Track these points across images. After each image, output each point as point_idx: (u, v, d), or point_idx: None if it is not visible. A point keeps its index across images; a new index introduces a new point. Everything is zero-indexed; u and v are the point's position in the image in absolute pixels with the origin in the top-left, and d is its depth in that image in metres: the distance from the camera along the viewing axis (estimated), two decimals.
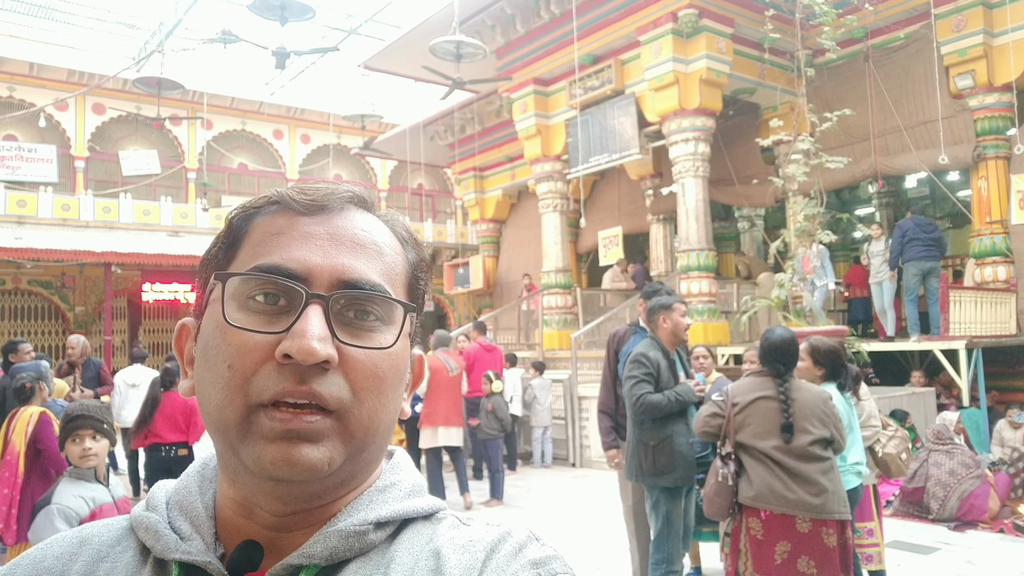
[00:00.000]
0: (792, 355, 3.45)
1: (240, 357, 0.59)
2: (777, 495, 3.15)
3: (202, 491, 0.67)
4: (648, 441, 3.94)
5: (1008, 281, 9.33)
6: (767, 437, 3.27)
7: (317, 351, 0.57)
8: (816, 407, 3.34)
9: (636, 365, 3.97)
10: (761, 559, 3.16)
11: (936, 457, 6.51)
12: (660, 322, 4.10)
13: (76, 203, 16.06)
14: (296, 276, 0.60)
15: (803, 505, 3.13)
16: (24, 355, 6.24)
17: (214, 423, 0.60)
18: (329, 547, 0.60)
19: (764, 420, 3.30)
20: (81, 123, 17.17)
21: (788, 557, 3.10)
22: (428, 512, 0.67)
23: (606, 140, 11.18)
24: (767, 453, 3.24)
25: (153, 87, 12.40)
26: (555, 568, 0.61)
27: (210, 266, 0.66)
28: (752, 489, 3.21)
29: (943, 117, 9.44)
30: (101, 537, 0.67)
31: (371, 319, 0.62)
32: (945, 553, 5.40)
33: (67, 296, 17.03)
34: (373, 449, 0.64)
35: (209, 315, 0.63)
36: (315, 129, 20.26)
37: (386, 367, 0.62)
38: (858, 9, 8.48)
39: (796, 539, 3.12)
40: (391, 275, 0.65)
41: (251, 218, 0.66)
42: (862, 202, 15.84)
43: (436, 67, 10.63)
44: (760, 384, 3.41)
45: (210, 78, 18.00)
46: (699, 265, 10.26)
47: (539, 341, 12.64)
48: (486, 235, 17.03)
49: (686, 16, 9.80)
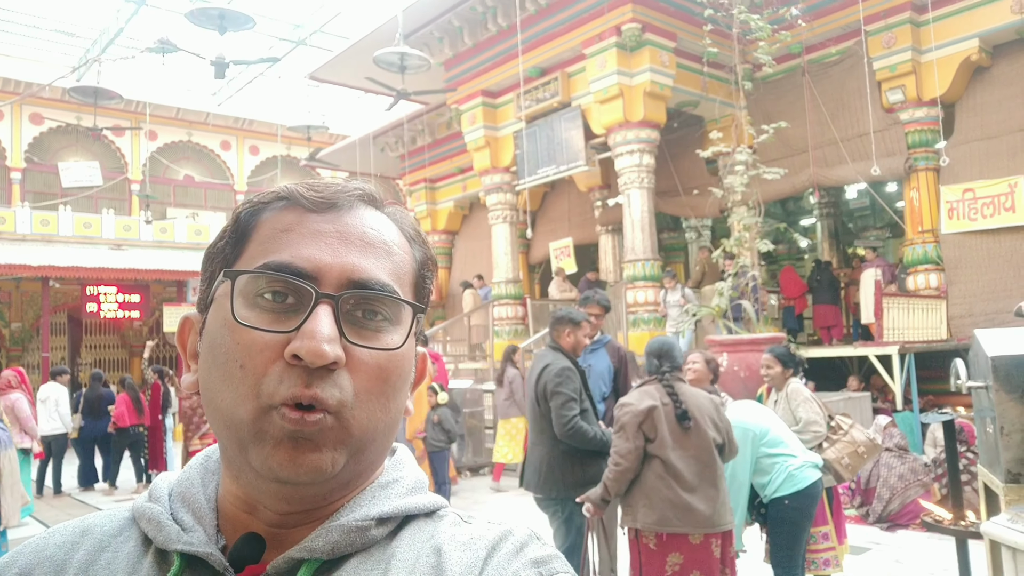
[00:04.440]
0: (674, 356, 3.49)
1: (251, 357, 0.58)
2: (679, 514, 3.15)
3: (204, 484, 0.67)
4: (575, 454, 3.90)
5: (939, 288, 9.68)
6: (667, 446, 3.25)
7: (327, 353, 0.57)
8: (708, 409, 3.38)
9: (565, 381, 3.91)
10: (652, 569, 3.17)
11: (887, 459, 6.67)
12: (564, 335, 4.10)
13: (12, 215, 15.56)
14: (306, 275, 0.60)
15: (700, 521, 3.16)
16: None
17: (224, 420, 0.60)
18: (331, 541, 0.60)
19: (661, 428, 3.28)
20: (17, 133, 16.66)
21: (679, 570, 3.12)
22: (430, 509, 0.67)
23: (554, 152, 11.29)
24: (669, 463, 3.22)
25: (90, 96, 12.10)
26: (556, 567, 0.61)
27: (216, 260, 0.66)
28: (654, 513, 3.18)
29: (876, 130, 9.77)
30: (103, 527, 0.67)
31: (379, 319, 0.62)
32: (876, 552, 5.56)
33: (2, 312, 16.45)
34: (375, 449, 0.64)
35: (216, 311, 0.63)
36: (263, 140, 20.01)
37: (392, 368, 0.62)
38: (793, 25, 8.73)
39: (688, 551, 3.15)
40: (399, 274, 0.65)
41: (259, 213, 0.65)
42: (805, 213, 16.27)
43: (382, 78, 10.61)
44: (648, 392, 3.38)
45: (154, 88, 17.66)
46: (645, 275, 10.40)
47: (490, 352, 12.64)
48: (438, 246, 16.98)
49: (629, 30, 9.98)
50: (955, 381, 2.81)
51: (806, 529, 3.95)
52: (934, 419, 3.58)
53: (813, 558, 4.33)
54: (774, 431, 3.97)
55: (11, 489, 4.92)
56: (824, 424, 4.42)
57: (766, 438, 3.90)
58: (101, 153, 17.87)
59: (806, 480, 3.83)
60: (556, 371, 3.94)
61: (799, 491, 3.82)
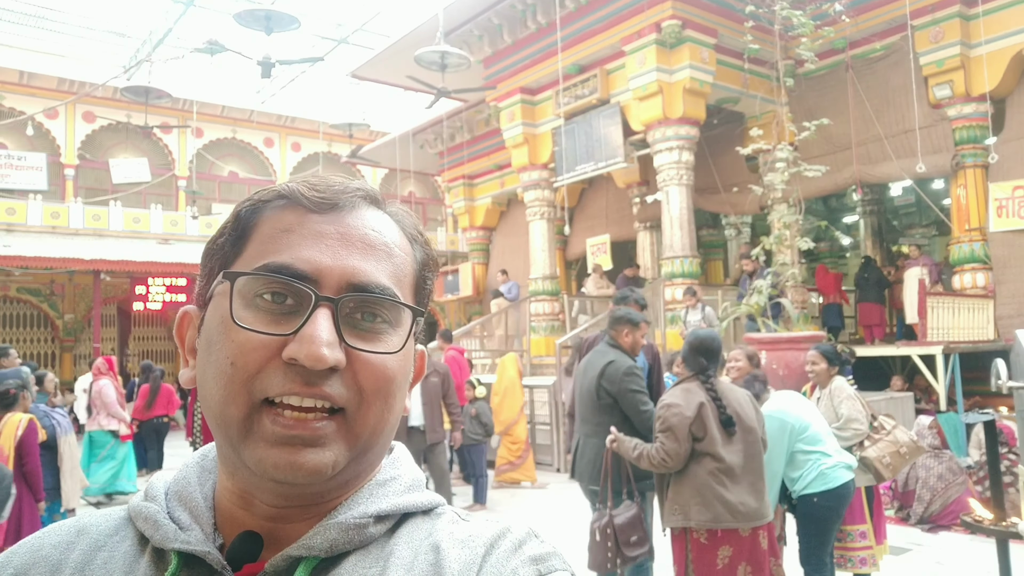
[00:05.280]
0: (718, 353, 3.48)
1: (244, 355, 0.58)
2: (732, 510, 3.20)
3: (201, 482, 0.67)
4: None
5: (986, 288, 9.48)
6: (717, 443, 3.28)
7: (326, 357, 0.57)
8: (746, 405, 3.41)
9: (636, 379, 4.00)
10: (703, 563, 3.23)
11: (924, 460, 6.59)
12: (623, 334, 4.17)
13: (66, 211, 16.09)
14: (305, 277, 0.60)
15: (750, 515, 3.21)
16: (12, 362, 6.31)
17: (216, 418, 0.60)
18: (329, 539, 0.60)
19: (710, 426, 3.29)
20: (71, 131, 17.22)
21: (729, 563, 3.18)
22: (427, 507, 0.67)
23: (592, 149, 11.30)
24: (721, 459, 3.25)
25: (142, 96, 12.49)
26: (554, 564, 0.61)
27: (215, 257, 0.65)
28: (709, 511, 3.22)
29: (922, 126, 9.59)
30: (99, 526, 0.66)
31: (379, 321, 0.62)
32: (916, 553, 5.51)
33: (56, 304, 17.04)
34: (377, 449, 0.64)
35: (214, 308, 0.63)
36: (305, 137, 20.35)
37: (394, 370, 0.62)
38: (836, 21, 8.61)
39: (737, 544, 3.20)
40: (400, 276, 0.65)
41: (259, 211, 0.65)
42: (848, 210, 16.01)
43: (422, 77, 10.74)
44: (690, 391, 3.38)
45: (201, 87, 18.07)
46: (684, 272, 10.37)
47: (526, 347, 12.73)
48: (476, 242, 17.13)
49: (669, 27, 9.94)
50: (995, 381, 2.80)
51: (835, 528, 3.95)
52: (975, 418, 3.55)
53: (849, 556, 4.32)
54: (814, 427, 3.97)
55: (71, 473, 5.17)
56: (866, 422, 4.40)
57: (805, 433, 3.91)
58: (149, 150, 18.38)
59: (837, 480, 3.84)
60: (625, 369, 4.00)
61: (829, 490, 3.83)
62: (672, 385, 3.62)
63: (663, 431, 3.33)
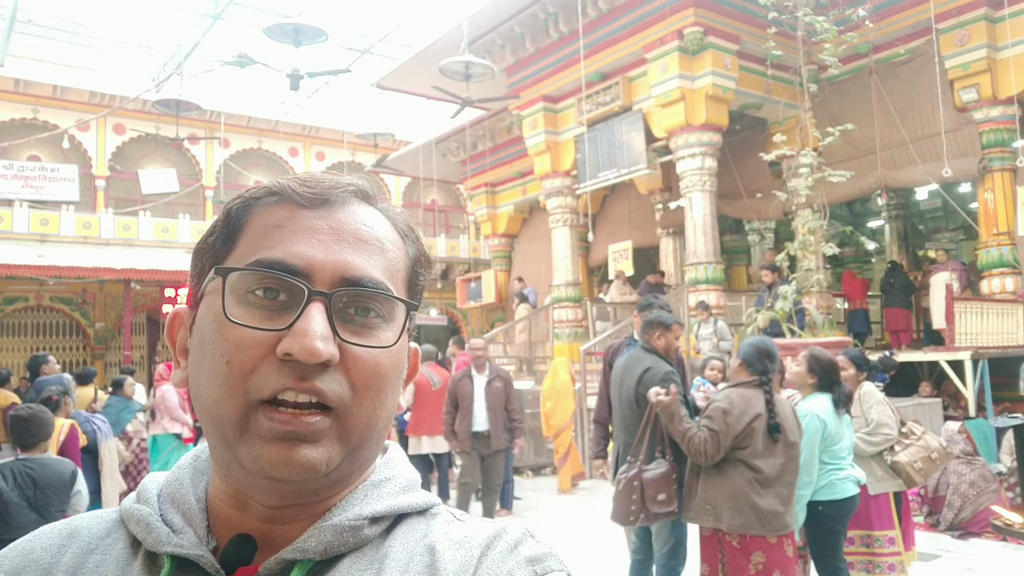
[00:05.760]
0: (778, 359, 3.54)
1: (238, 353, 0.58)
2: (763, 518, 3.25)
3: (194, 483, 0.66)
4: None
5: (1015, 292, 9.37)
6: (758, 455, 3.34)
7: (320, 351, 0.56)
8: (791, 418, 3.46)
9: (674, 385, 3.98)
10: (736, 567, 3.27)
11: (956, 466, 6.53)
12: (655, 337, 4.21)
13: (97, 221, 16.43)
14: (298, 272, 0.59)
15: (779, 525, 3.27)
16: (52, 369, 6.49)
17: (210, 418, 0.59)
18: (323, 541, 0.59)
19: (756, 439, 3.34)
20: (102, 143, 17.59)
21: (763, 569, 3.22)
22: (423, 507, 0.67)
23: (614, 155, 11.35)
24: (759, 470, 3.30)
25: (172, 108, 12.76)
26: (550, 565, 0.61)
27: (206, 255, 0.65)
28: (740, 517, 3.27)
29: (948, 130, 9.53)
30: (91, 529, 0.65)
31: (372, 316, 0.62)
32: (946, 560, 5.47)
33: (88, 312, 17.38)
34: (371, 446, 0.64)
35: (206, 307, 0.62)
36: (329, 147, 20.60)
37: (387, 365, 0.62)
38: (859, 26, 8.60)
39: (768, 551, 3.25)
40: (392, 271, 0.64)
41: (250, 208, 0.64)
42: (873, 214, 15.90)
43: (446, 86, 10.86)
44: (749, 400, 3.42)
45: (227, 98, 18.37)
46: (707, 278, 10.38)
47: (549, 353, 12.77)
48: (498, 250, 17.23)
49: (691, 34, 9.98)
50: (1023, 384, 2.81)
51: (841, 536, 3.96)
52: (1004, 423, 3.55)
53: (878, 562, 4.31)
54: (845, 441, 3.97)
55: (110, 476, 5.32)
56: (895, 428, 4.39)
57: (836, 445, 3.90)
58: (178, 161, 18.71)
59: (845, 492, 3.84)
60: (662, 375, 4.02)
61: (835, 500, 3.83)
62: (729, 386, 3.65)
63: (711, 432, 3.37)
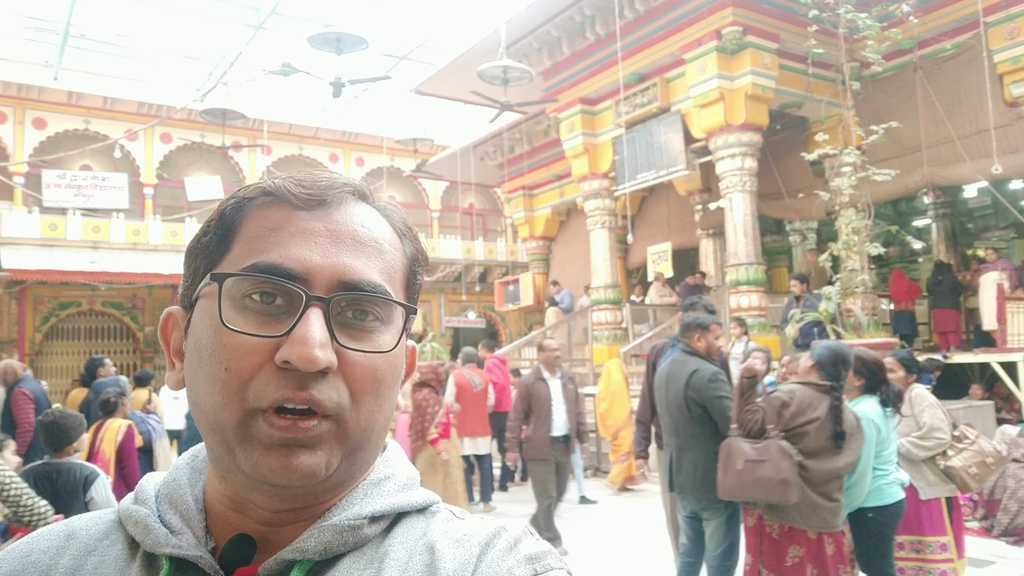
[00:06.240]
0: (850, 365, 3.59)
1: (237, 360, 0.57)
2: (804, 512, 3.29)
3: (192, 484, 0.65)
4: None
5: None
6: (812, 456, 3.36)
7: (318, 359, 0.56)
8: (854, 426, 3.48)
9: (722, 384, 4.04)
10: (773, 557, 3.30)
11: (1014, 470, 6.37)
12: (695, 340, 4.20)
13: (145, 228, 16.91)
14: (295, 277, 0.59)
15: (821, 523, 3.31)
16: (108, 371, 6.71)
17: (209, 424, 0.59)
18: (323, 541, 0.59)
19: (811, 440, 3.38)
20: (150, 152, 18.09)
21: (799, 562, 3.24)
22: (422, 506, 0.66)
23: (653, 157, 11.31)
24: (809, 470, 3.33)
25: (219, 117, 13.07)
26: (550, 563, 0.61)
27: (200, 256, 0.64)
28: (781, 509, 3.32)
29: (997, 126, 9.29)
30: (89, 530, 0.65)
31: (370, 319, 0.61)
32: (1000, 567, 5.35)
33: (137, 317, 17.89)
34: (370, 449, 0.63)
35: (202, 311, 0.61)
36: (369, 152, 20.88)
37: (385, 369, 0.61)
38: (903, 22, 8.45)
39: (806, 545, 3.28)
40: (390, 273, 0.64)
41: (244, 209, 0.63)
42: (919, 213, 15.56)
43: (484, 91, 10.95)
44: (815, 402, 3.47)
45: (269, 106, 18.76)
46: (748, 279, 10.28)
47: (589, 356, 12.77)
48: (536, 252, 17.28)
49: (730, 33, 9.90)
50: None
51: (891, 541, 3.92)
52: None
53: (929, 568, 4.24)
54: (893, 445, 3.94)
55: None
56: (948, 431, 4.31)
57: (886, 450, 3.87)
58: (222, 168, 19.15)
59: (892, 497, 3.81)
60: (709, 376, 4.02)
61: (883, 506, 3.80)
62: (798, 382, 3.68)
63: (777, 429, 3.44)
